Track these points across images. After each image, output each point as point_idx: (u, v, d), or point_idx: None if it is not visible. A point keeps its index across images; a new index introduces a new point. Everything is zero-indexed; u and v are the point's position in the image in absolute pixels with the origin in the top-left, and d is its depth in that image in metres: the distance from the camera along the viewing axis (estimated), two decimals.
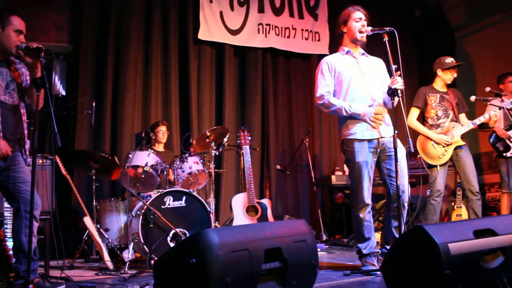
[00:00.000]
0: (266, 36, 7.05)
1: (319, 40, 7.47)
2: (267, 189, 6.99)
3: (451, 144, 5.11)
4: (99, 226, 5.00)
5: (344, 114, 3.94)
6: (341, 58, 4.10)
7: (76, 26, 6.13)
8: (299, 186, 7.18)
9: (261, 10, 7.05)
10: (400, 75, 3.69)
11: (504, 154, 5.62)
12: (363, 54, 4.13)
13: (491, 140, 5.71)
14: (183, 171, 5.07)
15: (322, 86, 4.05)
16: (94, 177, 5.17)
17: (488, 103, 5.32)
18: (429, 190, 5.23)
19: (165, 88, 6.45)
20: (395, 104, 3.79)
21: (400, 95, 3.67)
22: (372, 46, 4.25)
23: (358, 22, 3.99)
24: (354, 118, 3.96)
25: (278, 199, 6.99)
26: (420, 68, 8.18)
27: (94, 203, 5.14)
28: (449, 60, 5.28)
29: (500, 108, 5.18)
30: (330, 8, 7.47)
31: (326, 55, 4.41)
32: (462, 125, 5.20)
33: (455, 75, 5.30)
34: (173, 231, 4.56)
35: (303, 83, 7.46)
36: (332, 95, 4.04)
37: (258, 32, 7.00)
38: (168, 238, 4.57)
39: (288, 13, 7.28)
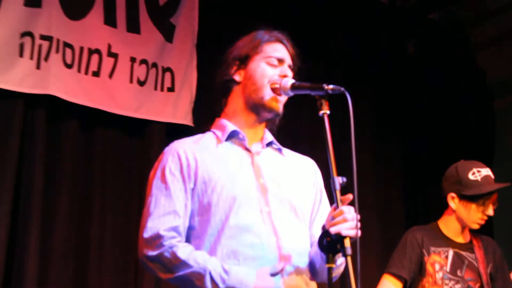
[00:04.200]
0: (39, 67, 4.80)
1: (171, 89, 5.16)
2: None
3: None
4: None
5: (209, 286, 2.64)
6: (214, 149, 2.79)
7: None
8: None
9: (35, 3, 4.77)
10: (352, 202, 2.41)
11: None
12: (270, 143, 2.83)
13: None
14: None
15: (158, 213, 2.66)
16: None
17: None
18: None
19: None
20: (336, 272, 2.58)
21: (349, 252, 2.30)
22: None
23: (275, 67, 2.72)
24: None
25: None
26: (406, 179, 6.27)
27: None
28: (480, 174, 4.03)
29: None
30: (207, 15, 5.15)
31: (186, 127, 4.00)
32: None
33: (491, 211, 4.04)
34: None
35: (129, 189, 5.18)
36: (182, 237, 2.67)
37: (21, 56, 4.79)
38: None
39: (102, 14, 4.91)
